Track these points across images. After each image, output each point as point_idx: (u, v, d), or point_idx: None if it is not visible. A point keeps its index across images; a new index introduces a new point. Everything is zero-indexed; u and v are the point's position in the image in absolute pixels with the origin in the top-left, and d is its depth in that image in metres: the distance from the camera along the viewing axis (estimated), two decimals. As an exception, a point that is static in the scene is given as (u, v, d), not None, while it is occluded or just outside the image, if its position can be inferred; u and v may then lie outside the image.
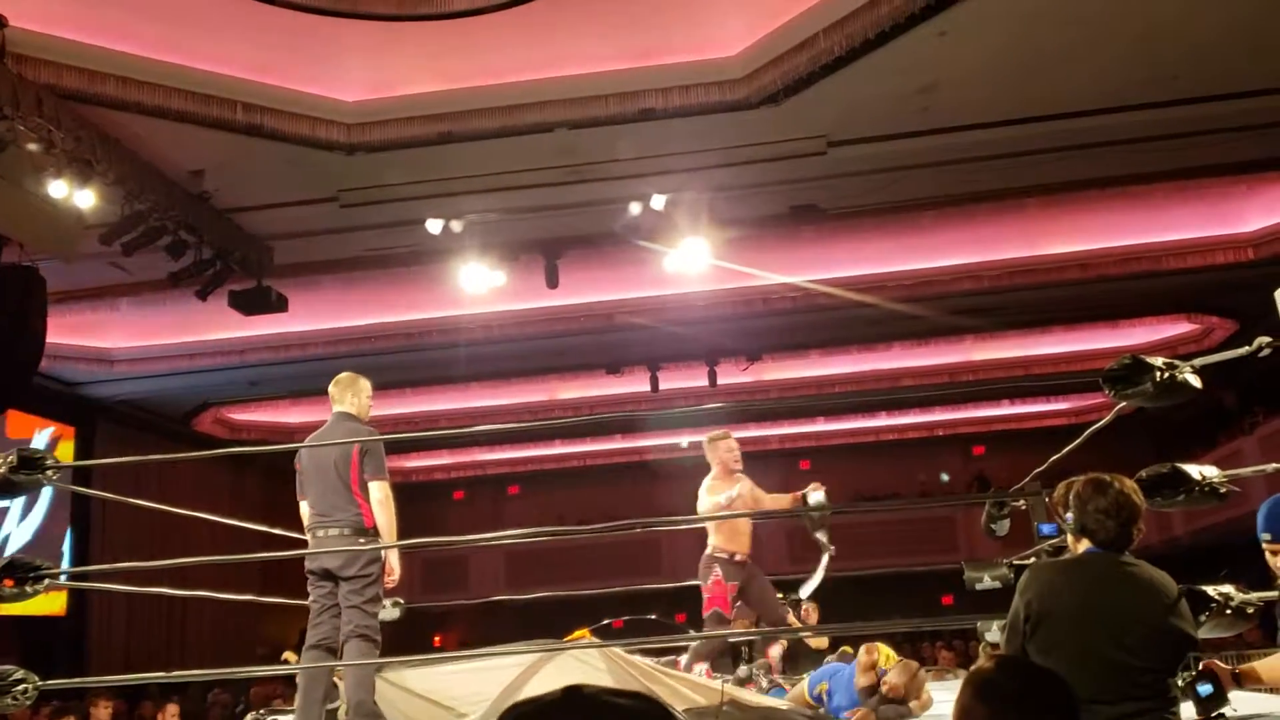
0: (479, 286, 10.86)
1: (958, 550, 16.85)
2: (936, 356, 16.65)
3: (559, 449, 20.52)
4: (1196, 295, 14.43)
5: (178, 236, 9.47)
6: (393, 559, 5.27)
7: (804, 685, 5.76)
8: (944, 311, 14.13)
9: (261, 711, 6.64)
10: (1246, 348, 3.20)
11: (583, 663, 4.36)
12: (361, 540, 5.01)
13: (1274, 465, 3.32)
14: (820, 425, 20.37)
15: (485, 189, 10.12)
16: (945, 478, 18.60)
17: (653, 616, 5.67)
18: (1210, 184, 11.95)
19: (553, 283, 11.13)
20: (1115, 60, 9.09)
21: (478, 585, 18.67)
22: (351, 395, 5.46)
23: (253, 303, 10.42)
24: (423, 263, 11.43)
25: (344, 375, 5.58)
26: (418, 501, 21.00)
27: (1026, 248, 13.18)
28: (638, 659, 4.69)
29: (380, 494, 5.13)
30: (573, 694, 0.78)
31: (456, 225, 10.28)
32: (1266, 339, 3.12)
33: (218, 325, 12.76)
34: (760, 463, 21.59)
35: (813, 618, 7.79)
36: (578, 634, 4.99)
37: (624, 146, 9.50)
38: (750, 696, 4.57)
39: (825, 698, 5.42)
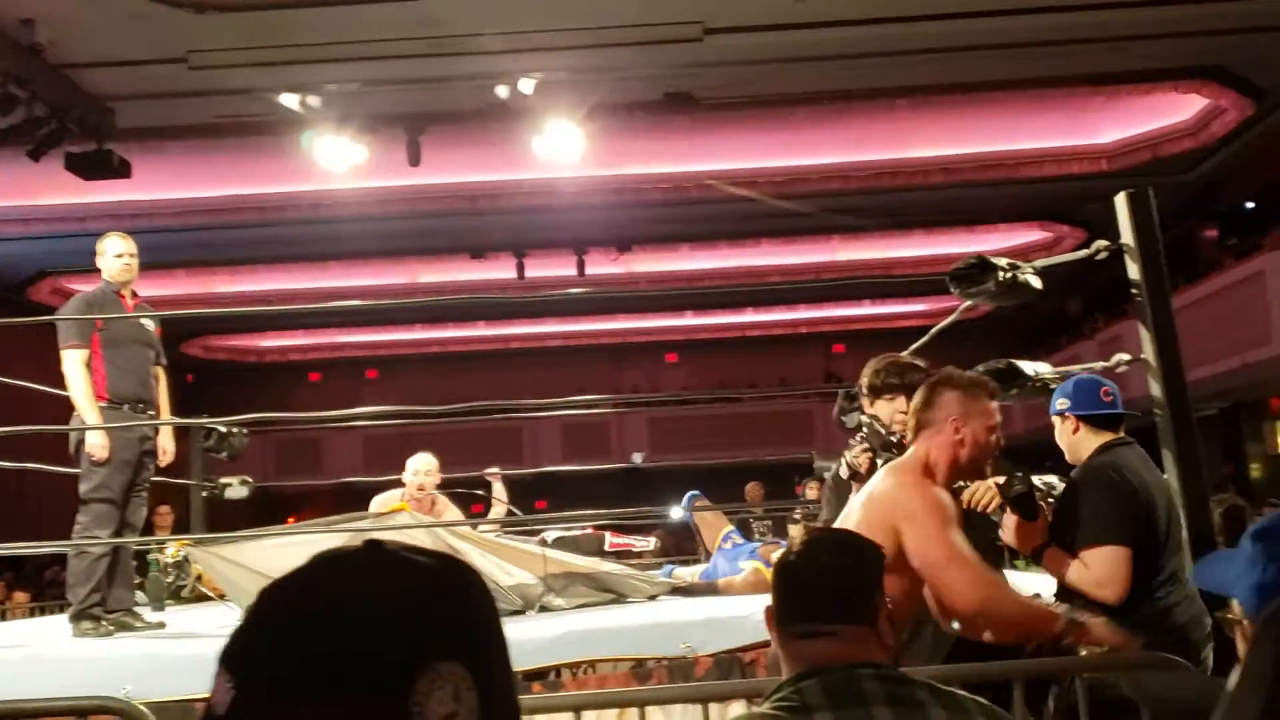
0: (338, 162, 10.42)
1: (814, 442, 17.36)
2: (803, 255, 16.86)
3: (419, 334, 20.20)
4: (1052, 204, 14.88)
5: (5, 90, 8.76)
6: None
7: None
8: (813, 209, 14.25)
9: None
10: (1085, 251, 3.28)
11: (411, 536, 4.33)
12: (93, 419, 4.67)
13: (1101, 363, 3.44)
14: (688, 319, 20.54)
15: (346, 58, 9.62)
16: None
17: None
18: (1069, 94, 12.23)
19: (415, 160, 10.75)
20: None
21: (332, 467, 18.44)
22: (99, 257, 5.05)
23: (92, 166, 9.76)
24: (278, 133, 10.88)
25: None
26: (271, 382, 20.50)
27: (894, 150, 13.33)
28: (468, 530, 4.68)
29: (64, 364, 4.74)
30: (372, 546, 0.76)
31: (314, 100, 9.79)
32: (1104, 243, 3.19)
33: (55, 189, 11.97)
34: (627, 354, 21.80)
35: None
36: (398, 507, 4.90)
37: (491, 20, 9.14)
38: (580, 561, 4.58)
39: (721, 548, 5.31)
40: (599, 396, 18.02)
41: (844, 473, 3.04)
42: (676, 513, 5.75)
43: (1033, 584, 3.86)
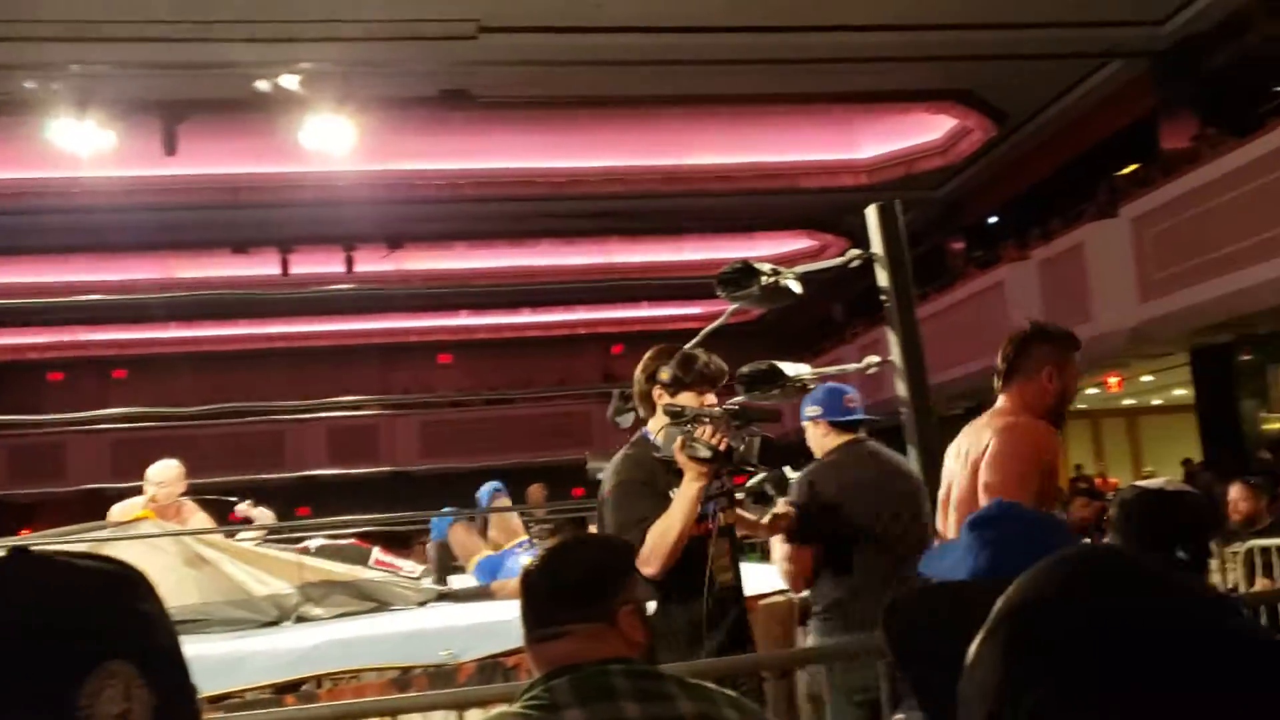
0: (82, 146, 9.67)
1: (593, 443, 17.46)
2: (581, 256, 16.96)
3: (175, 332, 19.00)
4: (818, 214, 15.55)
5: None
6: None
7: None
8: (591, 212, 14.34)
9: None
10: (840, 259, 3.41)
11: (152, 546, 4.05)
12: None
13: (855, 365, 3.59)
14: (463, 319, 20.25)
15: (96, 37, 8.95)
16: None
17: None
18: (834, 110, 12.84)
19: (170, 149, 10.12)
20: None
21: (76, 474, 17.11)
22: None
23: None
24: (16, 113, 10.01)
25: None
26: (4, 383, 18.80)
27: (672, 156, 13.60)
28: (218, 538, 4.41)
29: None
30: (17, 554, 0.75)
31: (57, 84, 9.05)
32: (856, 252, 3.33)
33: None
34: (398, 355, 21.28)
35: None
36: (140, 515, 4.57)
37: (257, 6, 8.71)
38: (339, 569, 4.38)
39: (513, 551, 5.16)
40: (367, 398, 17.49)
41: (704, 453, 2.94)
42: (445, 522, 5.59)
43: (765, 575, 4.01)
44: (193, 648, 0.78)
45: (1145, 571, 0.68)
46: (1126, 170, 12.17)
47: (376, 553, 4.83)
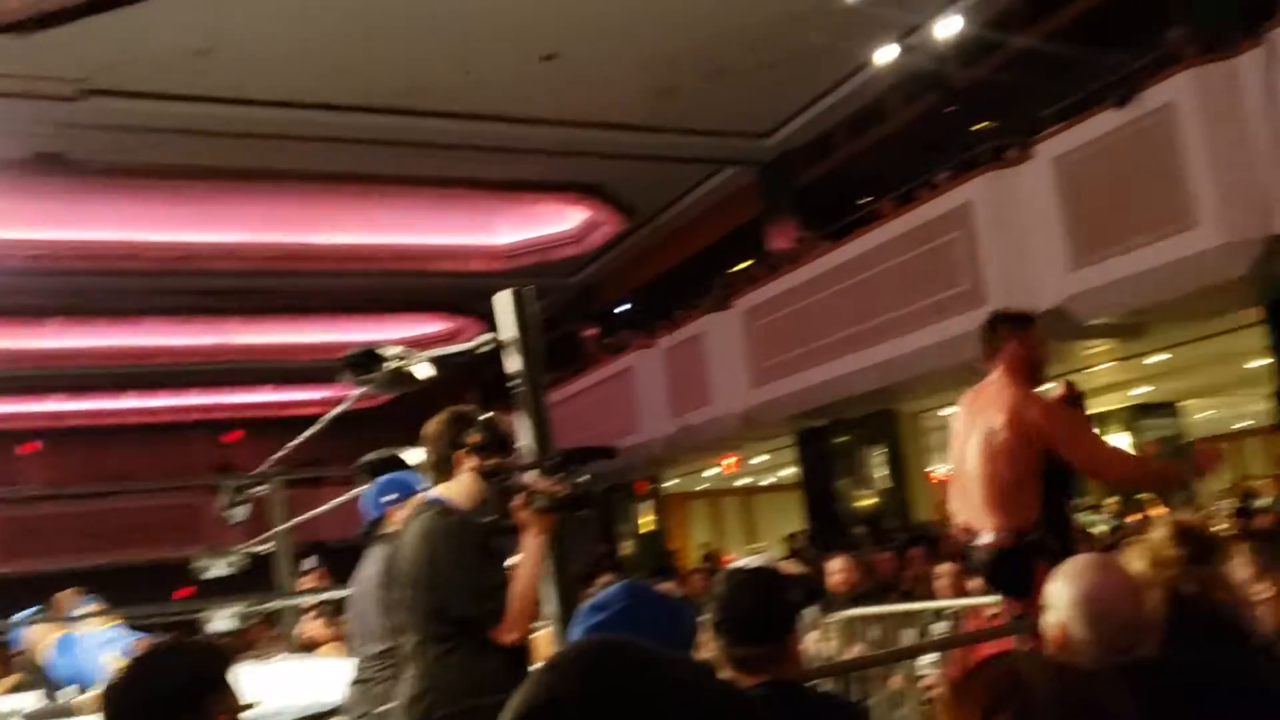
0: None
1: (203, 539, 16.13)
2: (195, 336, 15.81)
3: None
4: (454, 297, 15.53)
5: None
6: None
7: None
8: (207, 289, 13.45)
9: None
10: (470, 344, 3.34)
11: None
12: None
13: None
14: (55, 403, 18.13)
15: None
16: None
17: None
18: (473, 196, 12.95)
19: None
20: (372, 62, 9.30)
21: None
22: None
23: None
24: None
25: None
26: None
27: (300, 233, 13.09)
28: None
29: None
30: None
31: None
32: (487, 337, 3.26)
33: None
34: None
35: None
36: None
37: None
38: None
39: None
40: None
41: (546, 504, 2.81)
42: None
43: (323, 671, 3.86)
44: None
45: (646, 659, 0.73)
46: (740, 267, 13.15)
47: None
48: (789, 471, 15.06)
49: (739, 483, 18.48)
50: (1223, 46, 7.31)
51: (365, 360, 3.28)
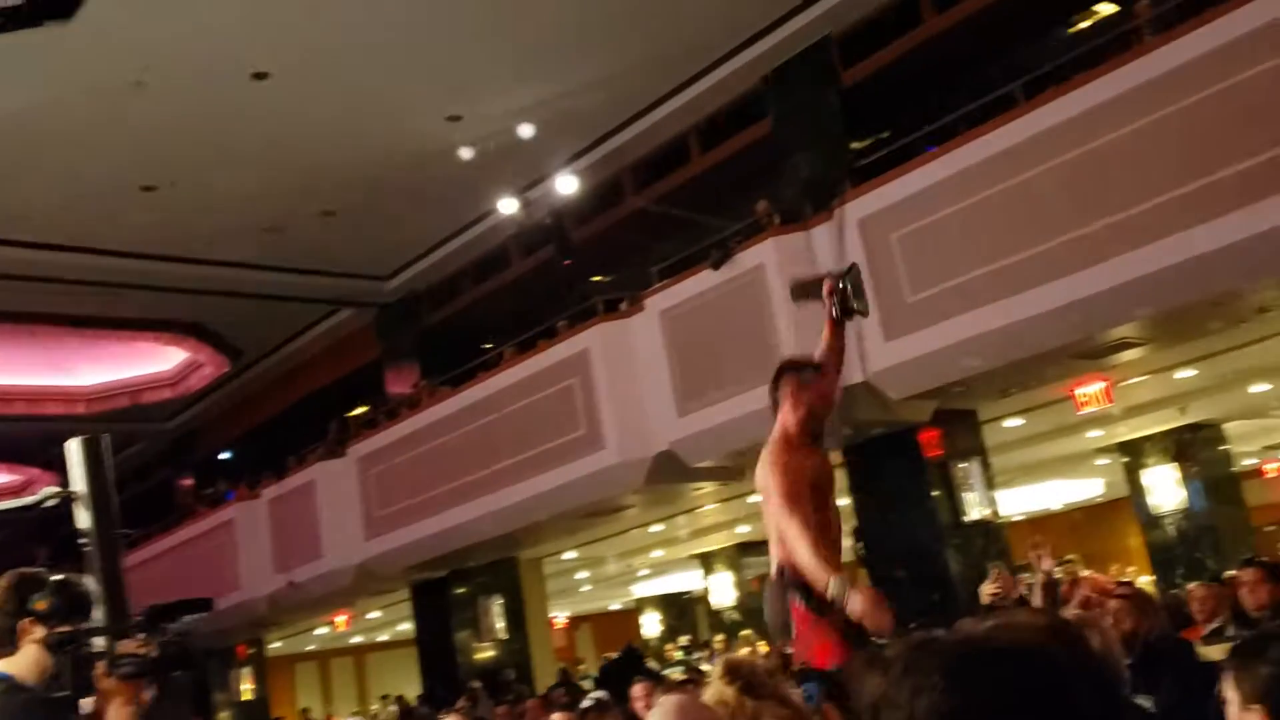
0: None
1: None
2: None
3: None
4: (24, 445, 13.80)
5: None
6: None
7: None
8: None
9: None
10: (33, 498, 2.90)
11: None
12: None
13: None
14: None
15: None
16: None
17: None
18: (48, 333, 11.66)
19: None
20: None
21: None
22: None
23: None
24: None
25: None
26: None
27: None
28: None
29: None
30: None
31: None
32: (53, 489, 2.85)
33: None
34: None
35: None
36: None
37: None
38: None
39: None
40: None
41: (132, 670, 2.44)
42: None
43: None
44: None
45: None
46: (356, 411, 12.72)
47: None
48: (406, 626, 14.50)
49: (352, 640, 17.55)
50: (798, 219, 8.13)
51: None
